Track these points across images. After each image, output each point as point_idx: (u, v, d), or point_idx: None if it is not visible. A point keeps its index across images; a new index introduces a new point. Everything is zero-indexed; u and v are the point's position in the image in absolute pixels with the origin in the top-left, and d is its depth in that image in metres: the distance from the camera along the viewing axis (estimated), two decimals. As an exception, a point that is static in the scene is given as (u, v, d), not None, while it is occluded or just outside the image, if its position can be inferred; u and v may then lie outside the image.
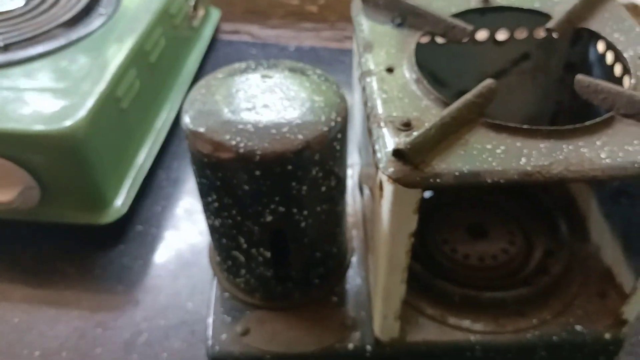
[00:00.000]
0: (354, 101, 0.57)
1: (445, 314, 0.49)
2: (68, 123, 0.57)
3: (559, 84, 0.58)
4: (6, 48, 0.66)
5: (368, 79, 0.41)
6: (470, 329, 0.48)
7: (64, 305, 0.58)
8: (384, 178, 0.36)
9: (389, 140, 0.36)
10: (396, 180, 0.34)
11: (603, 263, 0.53)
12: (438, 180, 0.34)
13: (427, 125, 0.35)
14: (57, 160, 0.58)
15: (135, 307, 0.58)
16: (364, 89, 0.41)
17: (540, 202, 0.57)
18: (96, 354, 0.54)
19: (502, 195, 0.58)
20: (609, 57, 0.48)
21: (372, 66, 0.42)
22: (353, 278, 0.52)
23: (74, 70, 0.63)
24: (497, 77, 0.56)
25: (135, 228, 0.66)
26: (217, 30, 0.96)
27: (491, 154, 0.35)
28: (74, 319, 0.57)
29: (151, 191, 0.70)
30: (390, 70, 0.42)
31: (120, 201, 0.64)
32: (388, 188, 0.36)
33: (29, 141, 0.57)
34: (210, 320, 0.49)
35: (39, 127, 0.56)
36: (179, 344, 0.55)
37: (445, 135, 0.36)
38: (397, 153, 0.34)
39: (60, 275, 0.61)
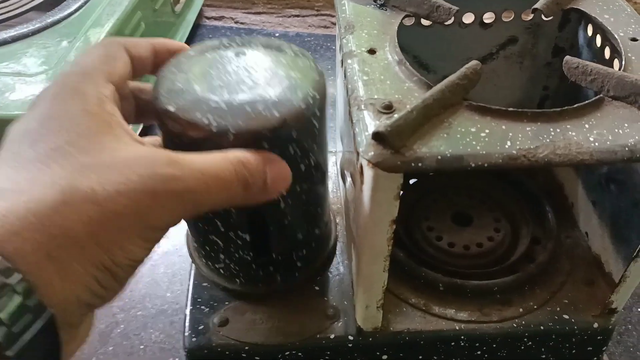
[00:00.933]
0: (337, 87, 0.55)
1: (429, 303, 0.48)
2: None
3: (547, 69, 0.56)
4: (-21, 30, 0.64)
5: (349, 61, 0.39)
6: (454, 318, 0.47)
7: (38, 296, 0.56)
8: (364, 162, 0.34)
9: (370, 123, 0.34)
10: (376, 164, 0.32)
11: (591, 251, 0.52)
12: (420, 164, 0.32)
13: (408, 107, 0.33)
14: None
15: (112, 298, 0.56)
16: (345, 71, 0.40)
17: (527, 189, 0.56)
18: (71, 345, 0.53)
19: (488, 182, 0.57)
20: (598, 40, 0.47)
21: (353, 47, 0.40)
22: (336, 267, 0.51)
23: (51, 55, 0.61)
24: (484, 61, 0.55)
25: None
26: (200, 16, 0.94)
27: (475, 138, 0.34)
28: (48, 310, 0.55)
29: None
30: (372, 51, 0.40)
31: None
32: (368, 173, 0.34)
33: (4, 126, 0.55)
34: (187, 310, 0.48)
35: (16, 113, 0.54)
36: (157, 335, 0.53)
37: (428, 118, 0.34)
38: (377, 136, 0.32)
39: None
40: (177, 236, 0.62)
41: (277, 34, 0.92)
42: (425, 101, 0.34)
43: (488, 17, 0.51)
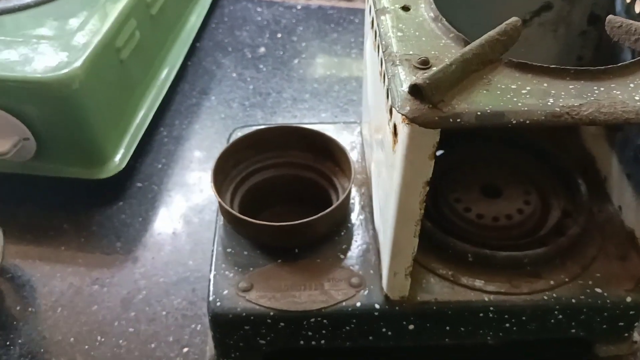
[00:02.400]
0: (366, 53, 0.54)
1: (458, 274, 0.47)
2: (64, 71, 0.54)
3: (582, 38, 0.55)
4: (0, -5, 0.63)
5: (382, 17, 0.38)
6: (483, 289, 0.46)
7: (59, 262, 0.56)
8: (399, 119, 0.33)
9: (405, 78, 0.33)
10: (412, 120, 0.31)
11: (624, 225, 0.50)
12: (458, 120, 0.31)
13: (447, 61, 0.32)
14: (53, 110, 0.56)
15: (133, 264, 0.56)
16: (378, 28, 0.38)
17: (557, 162, 0.55)
18: (92, 310, 0.52)
19: (517, 154, 0.56)
20: (637, 6, 0.45)
21: (386, 4, 0.39)
22: (360, 237, 0.50)
23: (71, 19, 0.61)
24: (531, 18, 0.53)
25: (134, 185, 0.64)
26: (221, -13, 0.93)
27: (516, 94, 0.32)
28: (69, 275, 0.55)
29: (152, 148, 0.68)
30: (406, 8, 0.39)
31: (119, 156, 0.62)
32: (403, 130, 0.33)
33: (23, 89, 0.54)
34: (211, 275, 0.47)
35: (33, 75, 0.54)
36: (179, 302, 0.53)
37: (467, 73, 0.33)
38: (415, 89, 0.31)
39: (56, 231, 0.59)
40: (199, 206, 0.61)
41: (299, 7, 0.90)
42: (465, 55, 0.32)
43: (523, -19, 0.50)
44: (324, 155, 0.54)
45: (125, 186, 0.63)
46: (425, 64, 0.34)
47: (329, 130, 0.60)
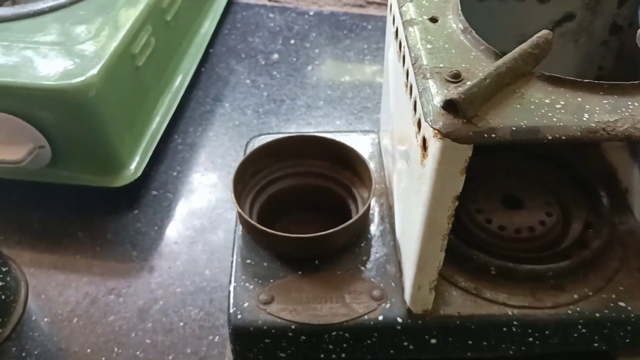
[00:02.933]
0: (387, 62, 0.54)
1: (481, 287, 0.46)
2: (81, 78, 0.54)
3: (603, 48, 0.54)
4: (15, 0, 0.63)
5: (410, 29, 0.38)
6: (507, 303, 0.45)
7: (74, 271, 0.56)
8: (429, 133, 0.33)
9: (437, 92, 0.32)
10: (446, 134, 0.31)
11: (647, 237, 0.50)
12: (493, 135, 0.31)
13: (481, 75, 0.32)
14: (69, 117, 0.55)
15: (149, 274, 0.55)
16: (405, 39, 0.38)
17: (578, 172, 0.54)
18: (108, 321, 0.52)
19: (537, 165, 0.55)
20: (663, 17, 0.44)
21: (414, 15, 0.39)
22: (381, 248, 0.50)
23: (87, 25, 0.60)
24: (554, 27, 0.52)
25: (150, 193, 0.63)
26: (233, -7, 0.93)
27: (550, 109, 0.32)
28: (84, 284, 0.55)
29: (166, 156, 0.68)
30: (434, 20, 0.38)
31: (135, 164, 0.61)
32: (435, 145, 0.32)
33: (39, 97, 0.54)
34: (231, 287, 0.46)
35: (50, 82, 0.53)
36: (197, 313, 0.52)
37: (500, 87, 0.32)
38: (449, 104, 0.31)
39: (71, 239, 0.58)
40: (215, 214, 0.61)
41: (311, 13, 0.90)
42: (499, 69, 0.32)
43: (546, -9, 0.49)
44: (343, 164, 0.54)
45: (140, 194, 0.63)
46: (457, 77, 0.33)
47: (346, 139, 0.60)
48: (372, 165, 0.54)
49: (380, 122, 0.59)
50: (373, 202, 0.53)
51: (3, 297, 0.50)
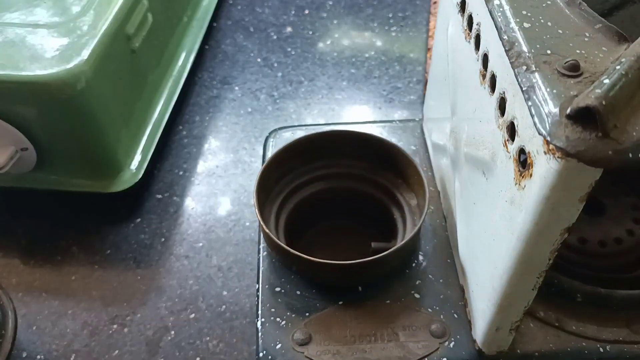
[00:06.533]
0: (438, 42, 0.44)
1: (564, 318, 0.38)
2: (68, 66, 0.45)
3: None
4: (-14, -27, 0.53)
5: (496, 1, 0.28)
6: (597, 338, 0.37)
7: (70, 295, 0.47)
8: (539, 148, 0.24)
9: (554, 92, 0.23)
10: (575, 155, 0.22)
11: None
12: (642, 154, 0.22)
13: (618, 68, 0.23)
14: (55, 113, 0.46)
15: (158, 297, 0.47)
16: (483, 16, 0.29)
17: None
18: (112, 356, 0.44)
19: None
20: None
21: (499, -18, 0.29)
22: (436, 269, 0.41)
23: (74, 2, 0.50)
24: (621, 6, 0.43)
25: (153, 197, 0.54)
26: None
27: None
28: (82, 312, 0.46)
29: (171, 151, 0.58)
30: (527, -13, 0.29)
31: (135, 164, 0.52)
32: (549, 165, 0.23)
33: (17, 91, 0.45)
34: (259, 323, 0.38)
35: (31, 72, 0.44)
36: (215, 345, 0.44)
37: (641, 84, 0.23)
38: (584, 113, 0.21)
39: (64, 256, 0.50)
40: (231, 221, 0.52)
41: (326, -20, 0.80)
42: (642, 60, 0.23)
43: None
44: (383, 165, 0.45)
45: (143, 199, 0.54)
46: (575, 69, 0.24)
47: (383, 130, 0.51)
48: (416, 158, 0.45)
49: (425, 107, 0.50)
50: (423, 210, 0.44)
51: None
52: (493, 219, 0.31)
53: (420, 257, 0.42)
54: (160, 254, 0.50)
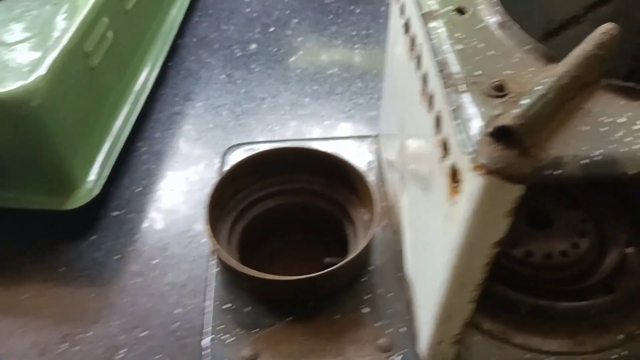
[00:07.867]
0: (391, 60, 0.45)
1: (509, 330, 0.38)
2: (23, 83, 0.44)
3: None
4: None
5: (433, 24, 0.29)
6: (541, 349, 0.38)
7: (19, 314, 0.47)
8: (466, 165, 0.24)
9: (479, 113, 0.24)
10: (496, 171, 0.23)
11: (699, 262, 0.42)
12: (559, 171, 0.23)
13: (539, 88, 0.23)
14: (9, 130, 0.46)
15: (110, 315, 0.47)
16: (427, 37, 0.29)
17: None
18: (62, 376, 0.43)
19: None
20: None
21: (435, 5, 0.30)
22: (385, 283, 0.42)
23: (31, 19, 0.50)
24: (567, 26, 0.44)
25: (109, 214, 0.54)
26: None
27: (627, 131, 0.24)
28: (31, 331, 0.46)
29: (129, 168, 0.58)
30: (461, 11, 0.30)
31: (92, 181, 0.52)
32: (474, 181, 0.24)
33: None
34: (207, 340, 0.38)
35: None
36: (167, 363, 0.44)
37: (562, 104, 0.24)
38: (501, 132, 0.22)
39: (16, 273, 0.49)
40: (187, 238, 0.52)
41: (293, -3, 0.81)
42: (561, 80, 0.24)
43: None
44: (337, 180, 0.46)
45: (98, 215, 0.54)
46: (500, 89, 0.25)
47: (340, 146, 0.52)
48: (371, 179, 0.46)
49: (380, 124, 0.51)
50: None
51: None
52: (432, 234, 0.32)
53: (370, 271, 0.42)
54: (115, 272, 0.50)
